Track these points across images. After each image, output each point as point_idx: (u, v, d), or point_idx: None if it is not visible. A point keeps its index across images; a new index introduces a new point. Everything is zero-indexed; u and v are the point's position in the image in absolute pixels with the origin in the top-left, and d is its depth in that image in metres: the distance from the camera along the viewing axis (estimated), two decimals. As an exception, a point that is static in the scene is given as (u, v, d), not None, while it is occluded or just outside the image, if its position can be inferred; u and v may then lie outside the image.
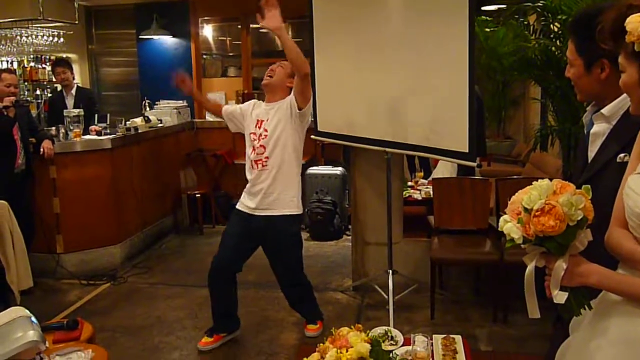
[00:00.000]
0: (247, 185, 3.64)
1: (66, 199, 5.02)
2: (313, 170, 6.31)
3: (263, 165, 3.52)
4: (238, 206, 3.68)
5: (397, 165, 4.60)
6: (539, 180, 1.42)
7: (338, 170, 6.29)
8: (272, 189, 3.52)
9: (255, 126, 3.59)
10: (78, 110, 5.32)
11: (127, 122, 5.68)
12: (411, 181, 5.82)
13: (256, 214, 3.56)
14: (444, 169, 5.43)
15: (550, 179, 1.44)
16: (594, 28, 1.43)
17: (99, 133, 5.32)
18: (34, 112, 6.08)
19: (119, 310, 4.42)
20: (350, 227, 5.06)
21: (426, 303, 4.14)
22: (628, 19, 1.28)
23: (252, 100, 3.85)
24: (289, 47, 3.21)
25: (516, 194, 1.44)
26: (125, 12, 7.20)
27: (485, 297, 4.35)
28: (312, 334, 3.83)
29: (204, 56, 7.57)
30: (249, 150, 3.61)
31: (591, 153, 1.82)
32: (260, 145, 3.53)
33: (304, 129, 3.60)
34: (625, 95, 1.53)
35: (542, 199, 1.36)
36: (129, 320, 4.23)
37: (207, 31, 7.72)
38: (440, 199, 4.38)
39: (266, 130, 3.53)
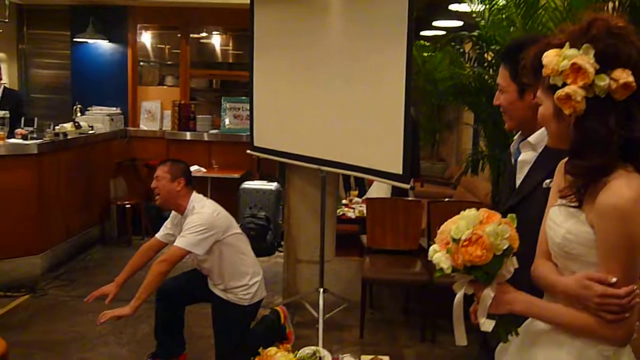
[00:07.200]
0: None
1: (-15, 205, 4.77)
2: (248, 185, 6.23)
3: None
4: None
5: (332, 183, 4.61)
6: (467, 209, 1.44)
7: (273, 185, 6.24)
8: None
9: None
10: (3, 112, 5.08)
11: (56, 127, 5.45)
12: (345, 199, 5.86)
13: None
14: (379, 188, 5.49)
15: (480, 204, 1.46)
16: None
17: (24, 137, 5.08)
18: (-46, 112, 5.77)
19: (37, 324, 4.21)
20: (282, 243, 5.02)
21: (356, 322, 4.14)
22: (545, 54, 1.35)
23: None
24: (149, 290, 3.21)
25: (445, 223, 1.45)
26: (60, 13, 6.94)
27: (415, 317, 4.40)
28: None
29: (141, 63, 7.38)
30: None
31: (519, 180, 1.87)
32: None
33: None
34: None
35: (470, 229, 1.38)
36: (48, 335, 4.03)
37: (146, 38, 7.56)
38: (373, 218, 4.42)
39: None
